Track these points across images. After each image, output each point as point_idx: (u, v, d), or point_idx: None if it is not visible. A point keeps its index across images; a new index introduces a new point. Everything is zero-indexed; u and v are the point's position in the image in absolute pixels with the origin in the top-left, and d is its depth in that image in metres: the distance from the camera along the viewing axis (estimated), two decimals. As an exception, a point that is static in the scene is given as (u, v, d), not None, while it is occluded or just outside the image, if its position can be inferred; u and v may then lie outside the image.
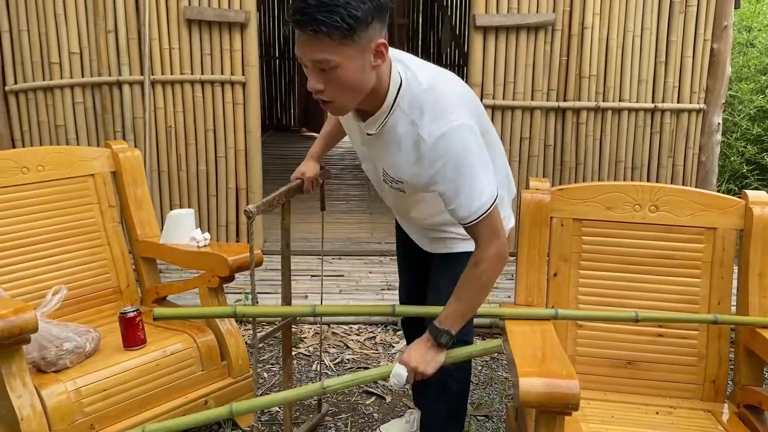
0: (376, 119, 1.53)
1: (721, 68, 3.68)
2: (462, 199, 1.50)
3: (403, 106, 1.51)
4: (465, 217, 1.52)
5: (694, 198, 1.90)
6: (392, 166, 1.59)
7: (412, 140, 1.51)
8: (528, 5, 3.56)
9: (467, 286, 1.57)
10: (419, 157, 1.51)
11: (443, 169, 1.48)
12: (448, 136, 1.47)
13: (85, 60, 3.54)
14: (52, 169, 2.28)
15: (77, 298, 2.26)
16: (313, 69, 1.40)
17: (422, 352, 1.55)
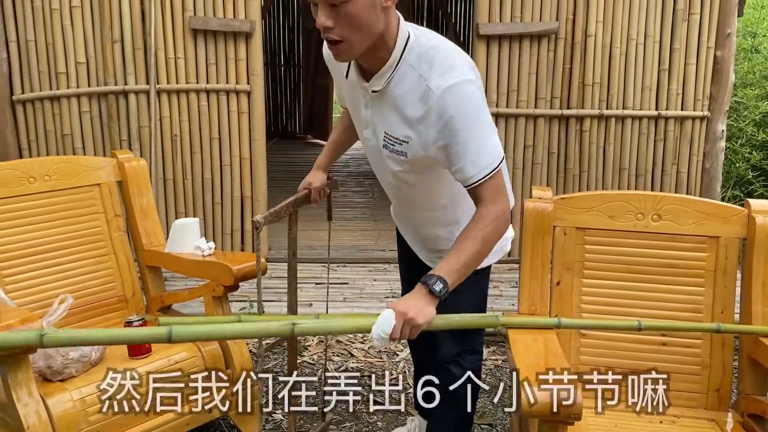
0: (383, 73, 1.50)
1: (725, 76, 3.68)
2: (471, 154, 1.47)
3: (411, 60, 1.49)
4: (473, 176, 1.48)
5: (696, 207, 1.90)
6: (397, 124, 1.54)
7: (419, 94, 1.48)
8: (531, 14, 3.58)
9: (468, 238, 1.50)
10: (427, 111, 1.48)
11: (451, 122, 1.45)
12: (457, 88, 1.44)
13: (92, 69, 3.57)
14: (58, 179, 2.30)
15: (83, 307, 2.28)
16: (323, 4, 1.38)
17: (414, 301, 1.44)
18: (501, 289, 3.48)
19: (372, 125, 1.63)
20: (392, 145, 1.58)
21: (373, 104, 1.58)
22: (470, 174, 1.49)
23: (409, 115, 1.51)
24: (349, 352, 2.92)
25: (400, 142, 1.55)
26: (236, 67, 3.61)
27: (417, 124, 1.51)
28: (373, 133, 1.63)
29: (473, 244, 1.49)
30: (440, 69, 1.47)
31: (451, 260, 1.48)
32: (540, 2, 3.57)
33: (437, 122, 1.47)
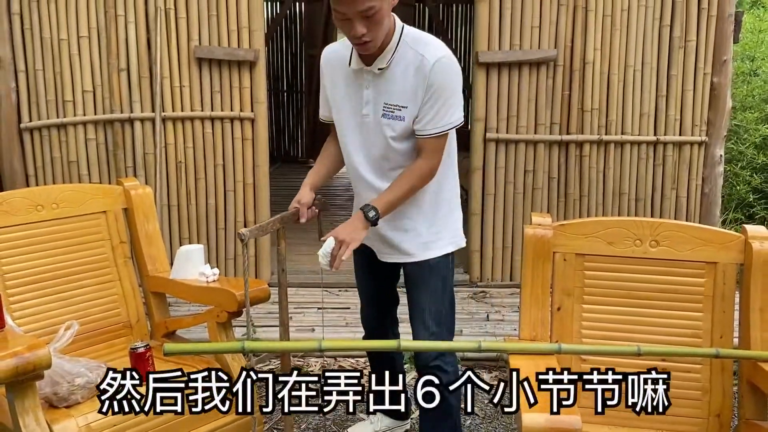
0: (386, 53, 1.86)
1: (722, 101, 3.73)
2: (435, 113, 1.86)
3: (408, 41, 1.87)
4: (427, 129, 1.87)
5: (694, 233, 1.92)
6: (396, 94, 1.88)
7: (416, 65, 1.84)
8: (530, 42, 3.64)
9: (402, 183, 1.90)
10: (422, 77, 1.83)
11: (435, 85, 1.83)
12: (446, 59, 1.85)
13: (98, 98, 3.63)
14: (65, 207, 2.33)
15: (88, 333, 2.30)
16: (357, 18, 1.73)
17: (349, 227, 1.85)
18: (503, 313, 3.49)
19: (372, 102, 1.93)
20: (391, 112, 1.90)
21: (374, 82, 1.91)
22: (426, 126, 1.88)
23: (407, 84, 1.87)
24: (352, 378, 2.93)
25: (399, 108, 1.89)
26: (240, 95, 3.67)
27: (411, 91, 1.86)
28: (373, 107, 1.93)
29: (403, 188, 1.90)
30: (433, 47, 1.87)
31: (385, 197, 1.90)
32: (538, 30, 3.64)
33: (425, 83, 1.84)
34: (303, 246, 4.44)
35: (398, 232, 2.05)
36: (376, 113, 1.93)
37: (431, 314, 2.07)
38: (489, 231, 3.84)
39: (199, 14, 3.59)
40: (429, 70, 1.83)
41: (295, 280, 3.90)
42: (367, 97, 1.94)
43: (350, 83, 1.97)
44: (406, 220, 2.03)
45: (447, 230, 2.08)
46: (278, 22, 7.85)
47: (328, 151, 2.17)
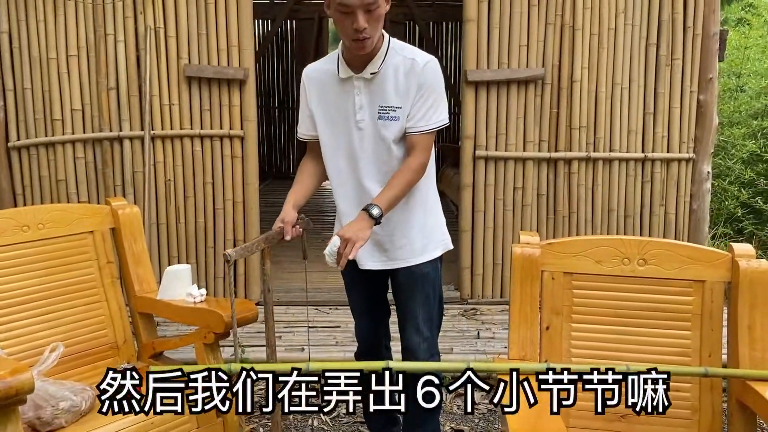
0: (377, 59, 1.96)
1: (709, 118, 3.76)
2: (425, 111, 1.96)
3: (396, 48, 1.99)
4: (418, 126, 1.97)
5: (681, 251, 1.93)
6: (390, 96, 1.97)
7: (406, 67, 1.96)
8: (518, 60, 3.67)
9: (399, 180, 1.96)
10: (413, 78, 1.95)
11: (425, 84, 1.95)
12: (434, 63, 1.98)
13: (87, 116, 3.62)
14: (51, 227, 2.31)
15: (74, 355, 2.27)
16: (360, 12, 1.82)
17: (355, 226, 1.87)
18: (493, 331, 3.48)
19: (366, 106, 2.00)
20: (386, 113, 1.98)
21: (366, 88, 1.99)
22: (418, 123, 1.97)
23: (400, 85, 1.96)
24: (342, 397, 2.91)
25: (394, 109, 1.98)
26: (230, 113, 3.67)
27: (404, 92, 1.96)
28: (368, 112, 2.00)
29: (401, 184, 1.96)
30: (419, 52, 2.00)
31: (385, 195, 1.94)
32: (526, 49, 3.67)
33: (416, 83, 1.95)
34: (293, 264, 4.43)
35: (392, 237, 2.08)
36: (372, 117, 2.00)
37: (423, 320, 2.13)
38: (479, 248, 3.84)
39: (189, 33, 3.60)
40: (420, 70, 1.94)
41: (284, 298, 3.89)
42: (360, 103, 2.00)
43: (340, 93, 2.02)
44: (399, 226, 2.07)
45: (436, 233, 2.15)
46: (269, 39, 7.89)
47: (307, 169, 2.20)
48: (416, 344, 2.13)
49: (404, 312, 2.16)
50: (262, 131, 8.03)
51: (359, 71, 1.98)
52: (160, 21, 3.57)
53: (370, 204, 1.91)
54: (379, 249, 2.10)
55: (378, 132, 2.00)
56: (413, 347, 2.13)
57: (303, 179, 2.18)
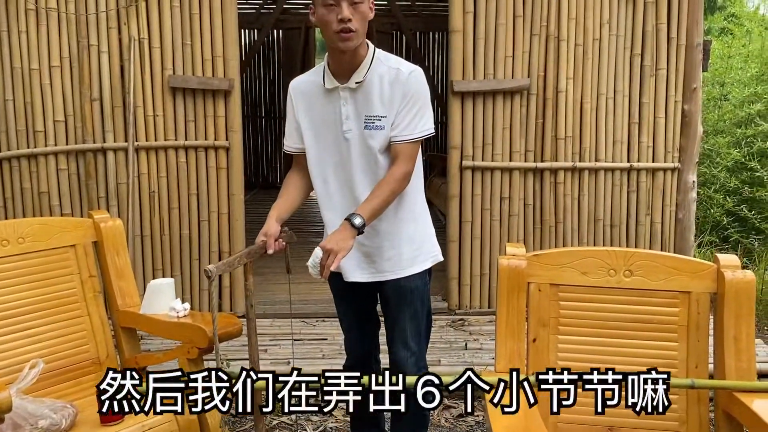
0: (362, 68, 1.97)
1: (693, 128, 3.79)
2: (409, 120, 1.97)
3: (380, 58, 2.01)
4: (403, 134, 1.97)
5: (667, 262, 1.93)
6: (376, 105, 1.98)
7: (391, 77, 1.97)
8: (504, 71, 3.68)
9: (383, 189, 1.95)
10: (398, 87, 1.96)
11: (410, 93, 1.96)
12: (419, 73, 2.00)
13: (70, 127, 3.59)
14: (32, 241, 2.28)
15: (55, 371, 2.23)
16: (345, 5, 1.86)
17: (337, 236, 1.87)
18: (481, 342, 3.47)
19: (353, 116, 2.00)
20: (372, 123, 1.99)
21: (352, 98, 1.99)
22: (403, 132, 1.97)
23: (385, 95, 1.97)
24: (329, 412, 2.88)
25: (379, 118, 1.98)
26: (215, 124, 3.65)
27: (389, 102, 1.97)
28: (355, 122, 2.00)
29: (385, 194, 1.95)
30: (404, 62, 2.02)
31: (368, 204, 1.93)
32: (512, 60, 3.68)
33: (402, 91, 1.96)
34: (278, 276, 4.40)
35: (380, 249, 2.06)
36: (358, 127, 2.00)
37: (412, 334, 2.12)
38: (467, 258, 3.84)
39: (174, 43, 3.58)
40: (405, 79, 1.96)
41: (270, 311, 3.86)
42: (346, 113, 2.00)
43: (326, 104, 2.03)
44: (388, 237, 2.06)
45: (426, 244, 2.13)
46: (256, 49, 7.89)
47: (293, 182, 2.18)
48: (404, 359, 2.11)
49: (392, 326, 2.14)
50: (248, 141, 8.01)
51: (344, 81, 1.99)
52: (145, 32, 3.55)
53: (352, 214, 1.90)
54: (367, 260, 2.08)
55: (365, 142, 2.00)
56: (401, 362, 2.12)
57: (288, 192, 2.16)
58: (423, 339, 2.17)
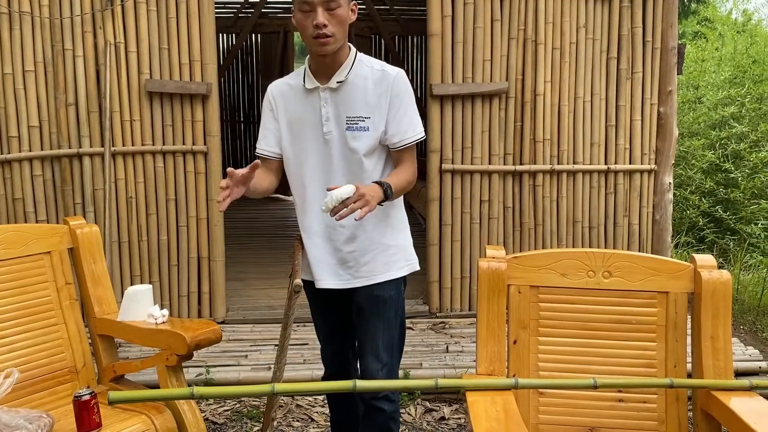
0: (344, 68, 1.96)
1: (669, 130, 3.84)
2: (405, 122, 1.97)
3: (363, 59, 2.00)
4: (403, 138, 1.97)
5: (645, 263, 1.95)
6: (358, 106, 1.96)
7: (375, 78, 1.96)
8: (482, 74, 3.69)
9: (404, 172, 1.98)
10: (383, 89, 1.95)
11: (399, 95, 1.96)
12: (403, 74, 2.00)
13: (45, 133, 3.53)
14: (5, 249, 2.24)
15: (31, 380, 2.19)
16: (321, 10, 1.85)
17: (372, 190, 1.82)
18: (462, 345, 3.47)
19: (333, 117, 1.98)
20: (355, 124, 1.96)
21: (333, 98, 1.97)
22: (402, 136, 1.97)
23: (368, 97, 1.96)
24: (310, 417, 2.86)
25: (363, 119, 1.96)
26: (193, 129, 3.62)
27: (374, 103, 1.96)
28: (336, 123, 1.98)
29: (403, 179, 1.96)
30: (386, 64, 2.02)
31: (394, 179, 1.94)
32: (490, 63, 3.70)
33: (389, 94, 1.95)
34: (258, 281, 4.38)
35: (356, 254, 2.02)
36: (339, 128, 1.98)
37: (384, 345, 2.05)
38: (447, 261, 3.84)
39: (150, 48, 3.55)
40: (392, 80, 1.96)
41: (250, 316, 3.83)
42: (326, 115, 1.98)
43: (306, 105, 2.01)
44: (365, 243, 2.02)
45: (401, 253, 2.08)
46: (234, 53, 7.84)
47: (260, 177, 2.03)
48: (375, 371, 2.03)
49: (363, 336, 2.07)
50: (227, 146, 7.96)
51: (325, 81, 1.97)
52: (121, 36, 3.51)
53: (382, 182, 1.87)
54: (343, 267, 2.03)
55: (347, 144, 1.97)
56: (371, 374, 2.04)
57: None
58: (395, 351, 2.10)
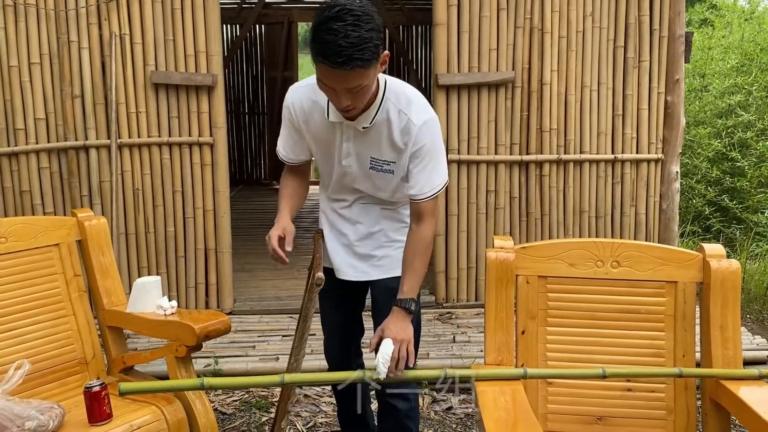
0: (369, 112, 1.81)
1: (676, 119, 3.81)
2: (425, 177, 1.86)
3: (392, 98, 1.83)
4: (423, 194, 1.87)
5: (653, 253, 1.94)
6: (384, 150, 1.86)
7: (401, 125, 1.83)
8: (488, 64, 3.68)
9: (418, 259, 1.88)
10: (407, 139, 1.83)
11: (422, 149, 1.83)
12: (431, 122, 1.84)
13: (51, 125, 3.54)
14: (15, 241, 2.24)
15: (41, 372, 2.20)
16: (343, 92, 1.67)
17: (401, 326, 1.79)
18: (469, 335, 3.48)
19: (355, 154, 1.90)
20: (380, 166, 1.90)
21: (357, 137, 1.87)
22: (421, 192, 1.87)
23: (393, 142, 1.85)
24: (318, 407, 2.88)
25: (388, 163, 1.89)
26: (198, 120, 3.62)
27: (399, 150, 1.86)
28: (357, 159, 1.91)
29: (421, 264, 1.89)
30: (416, 106, 1.85)
31: (411, 281, 1.87)
32: (496, 53, 3.68)
33: (412, 147, 1.84)
34: (265, 272, 4.39)
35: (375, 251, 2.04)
36: (361, 165, 1.92)
37: None
38: (453, 251, 3.84)
39: (156, 39, 3.54)
40: (417, 132, 1.82)
41: (257, 307, 3.85)
42: (347, 150, 1.90)
43: (328, 133, 1.91)
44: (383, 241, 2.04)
45: None
46: (238, 44, 7.82)
47: (293, 185, 2.09)
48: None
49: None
50: (232, 137, 7.96)
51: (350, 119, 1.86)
52: (126, 27, 3.51)
53: (403, 300, 1.84)
54: (360, 260, 2.06)
55: (369, 177, 1.94)
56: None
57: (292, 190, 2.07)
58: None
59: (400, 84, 1.89)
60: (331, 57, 1.58)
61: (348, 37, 1.56)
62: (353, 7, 1.61)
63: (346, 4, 1.61)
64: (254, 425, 2.79)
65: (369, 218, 2.05)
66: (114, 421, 1.97)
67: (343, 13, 1.58)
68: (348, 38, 1.56)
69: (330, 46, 1.57)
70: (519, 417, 1.52)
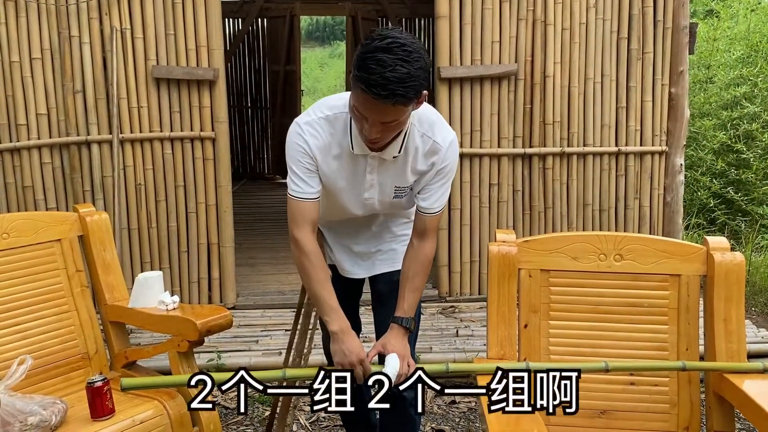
0: (397, 141, 1.75)
1: (680, 111, 3.79)
2: (440, 193, 1.86)
3: (416, 124, 1.79)
4: (433, 208, 1.87)
5: (657, 246, 1.93)
6: (409, 176, 1.84)
7: (426, 148, 1.80)
8: (491, 57, 3.66)
9: (420, 278, 1.88)
10: (436, 159, 1.81)
11: (446, 168, 1.83)
12: (455, 142, 1.85)
13: (53, 120, 3.53)
14: (16, 236, 2.24)
15: (44, 367, 2.21)
16: (376, 124, 1.62)
17: (403, 343, 1.80)
18: (472, 329, 3.47)
19: (378, 185, 1.86)
20: (403, 192, 1.89)
21: (381, 168, 1.82)
22: (432, 206, 1.87)
23: (417, 164, 1.82)
24: (321, 401, 2.87)
25: (411, 187, 1.88)
26: (200, 115, 3.61)
27: (422, 173, 1.84)
28: (379, 190, 1.87)
29: (421, 282, 1.89)
30: (439, 127, 1.82)
31: (410, 299, 1.86)
32: (499, 45, 3.66)
33: (438, 167, 1.82)
34: (267, 266, 4.39)
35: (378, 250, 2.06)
36: (383, 194, 1.88)
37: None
38: (456, 245, 3.83)
39: (157, 33, 3.53)
40: (444, 154, 1.81)
41: (260, 301, 3.85)
42: (371, 182, 1.85)
43: (350, 166, 1.83)
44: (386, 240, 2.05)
45: None
46: (240, 38, 7.80)
47: (320, 260, 1.85)
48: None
49: (381, 321, 2.09)
50: (234, 132, 7.95)
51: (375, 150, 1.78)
52: (127, 22, 3.50)
53: (401, 318, 1.84)
54: (364, 258, 2.08)
55: (392, 207, 1.96)
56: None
57: (325, 273, 1.85)
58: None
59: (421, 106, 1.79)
60: (375, 88, 1.52)
61: (396, 71, 1.51)
62: (405, 41, 1.55)
63: (399, 36, 1.55)
64: (257, 419, 2.79)
65: (373, 222, 2.07)
66: (116, 416, 1.97)
67: (394, 46, 1.53)
68: (395, 72, 1.51)
69: (376, 78, 1.51)
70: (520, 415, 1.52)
